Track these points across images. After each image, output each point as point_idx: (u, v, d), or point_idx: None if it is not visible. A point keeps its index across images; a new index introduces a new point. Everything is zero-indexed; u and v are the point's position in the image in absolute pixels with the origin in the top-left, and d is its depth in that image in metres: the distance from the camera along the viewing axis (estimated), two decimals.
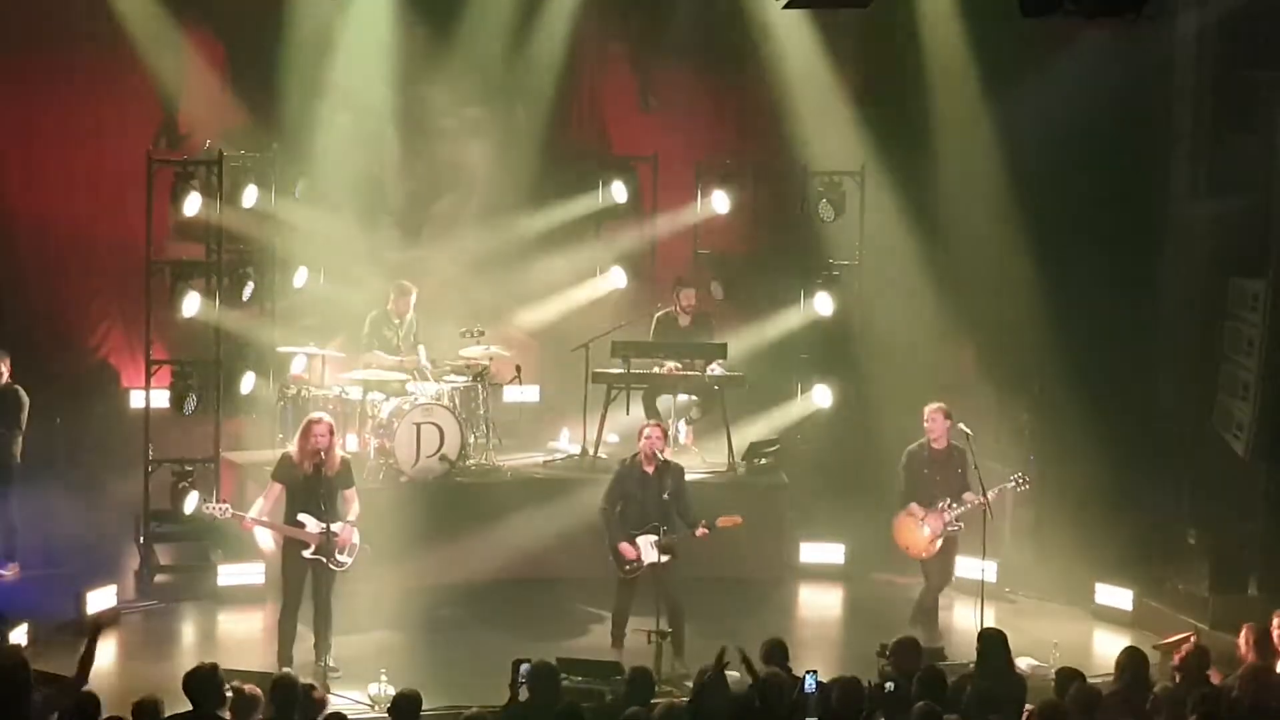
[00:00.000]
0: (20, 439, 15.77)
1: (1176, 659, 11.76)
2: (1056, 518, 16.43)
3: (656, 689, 12.67)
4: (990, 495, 14.71)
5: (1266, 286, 15.76)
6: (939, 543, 14.87)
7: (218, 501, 14.35)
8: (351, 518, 13.83)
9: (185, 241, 16.92)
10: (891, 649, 11.78)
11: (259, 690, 10.50)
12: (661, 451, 14.27)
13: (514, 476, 17.05)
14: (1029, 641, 13.53)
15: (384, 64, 18.24)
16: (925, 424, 14.97)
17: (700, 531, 14.14)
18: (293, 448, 13.88)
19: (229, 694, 10.40)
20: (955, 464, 14.89)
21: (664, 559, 14.02)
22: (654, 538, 14.00)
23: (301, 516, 13.61)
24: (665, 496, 14.13)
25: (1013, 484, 15.02)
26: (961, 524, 14.85)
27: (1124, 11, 12.49)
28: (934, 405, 15.01)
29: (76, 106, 17.90)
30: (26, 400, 15.79)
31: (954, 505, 14.79)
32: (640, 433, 14.40)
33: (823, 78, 18.34)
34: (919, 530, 14.91)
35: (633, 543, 14.06)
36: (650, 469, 14.24)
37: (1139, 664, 11.39)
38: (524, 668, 11.17)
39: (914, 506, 14.90)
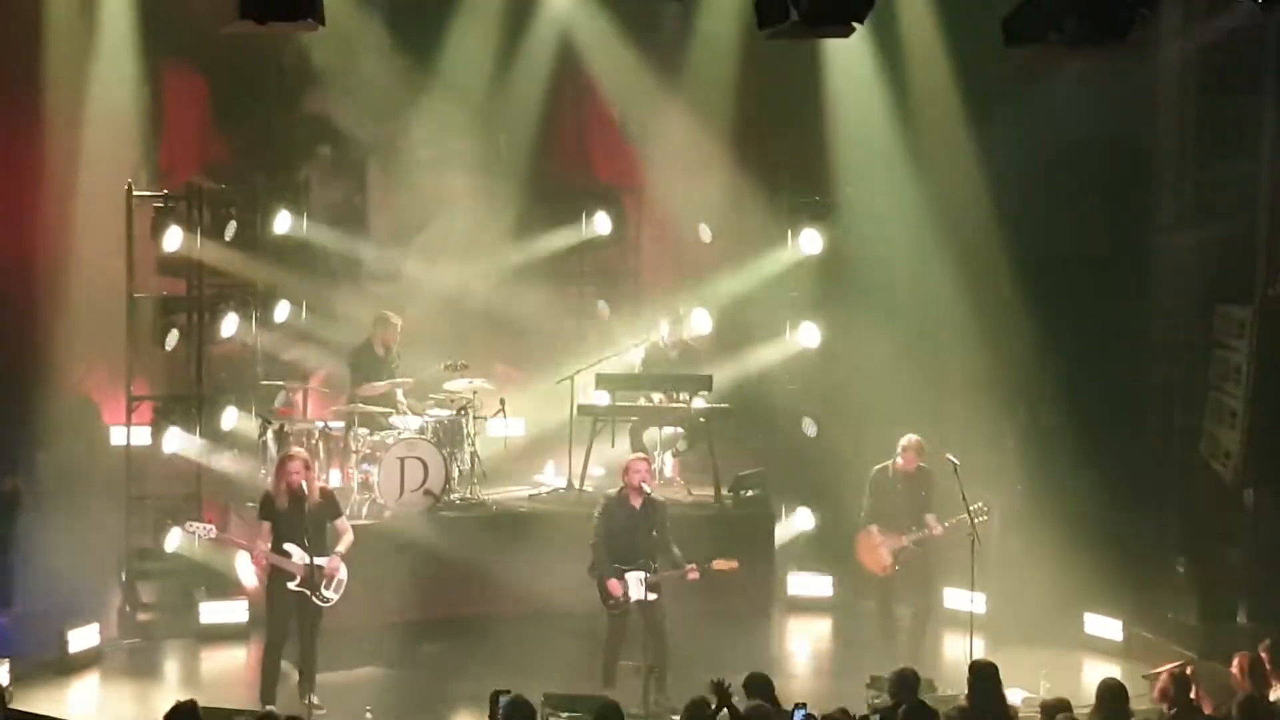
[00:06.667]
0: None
1: (1156, 691, 11.72)
2: (1045, 547, 16.35)
3: None
4: (947, 525, 15.15)
5: (1253, 313, 15.75)
6: (895, 564, 15.46)
7: (201, 523, 14.27)
8: (341, 548, 13.75)
9: (166, 276, 16.86)
10: (891, 680, 11.75)
11: None
12: (648, 485, 14.23)
13: (499, 510, 16.96)
14: (1019, 672, 13.44)
15: (366, 95, 18.20)
16: (900, 448, 15.49)
17: (691, 574, 14.10)
18: (272, 484, 13.82)
19: None
20: (920, 487, 15.47)
21: (651, 596, 13.96)
22: (643, 574, 13.96)
23: (287, 547, 13.54)
24: (654, 533, 14.10)
25: (967, 517, 14.77)
26: (919, 549, 15.38)
27: (1108, 40, 12.51)
28: (914, 438, 15.51)
29: (56, 140, 17.79)
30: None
31: (914, 529, 15.35)
32: (626, 467, 14.34)
33: (807, 105, 18.29)
34: (876, 551, 15.54)
35: (620, 579, 14.02)
36: (637, 503, 14.19)
37: (1117, 694, 11.32)
38: (503, 700, 11.06)
39: (873, 529, 15.55)
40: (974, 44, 16.40)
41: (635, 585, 14.00)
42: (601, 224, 19.14)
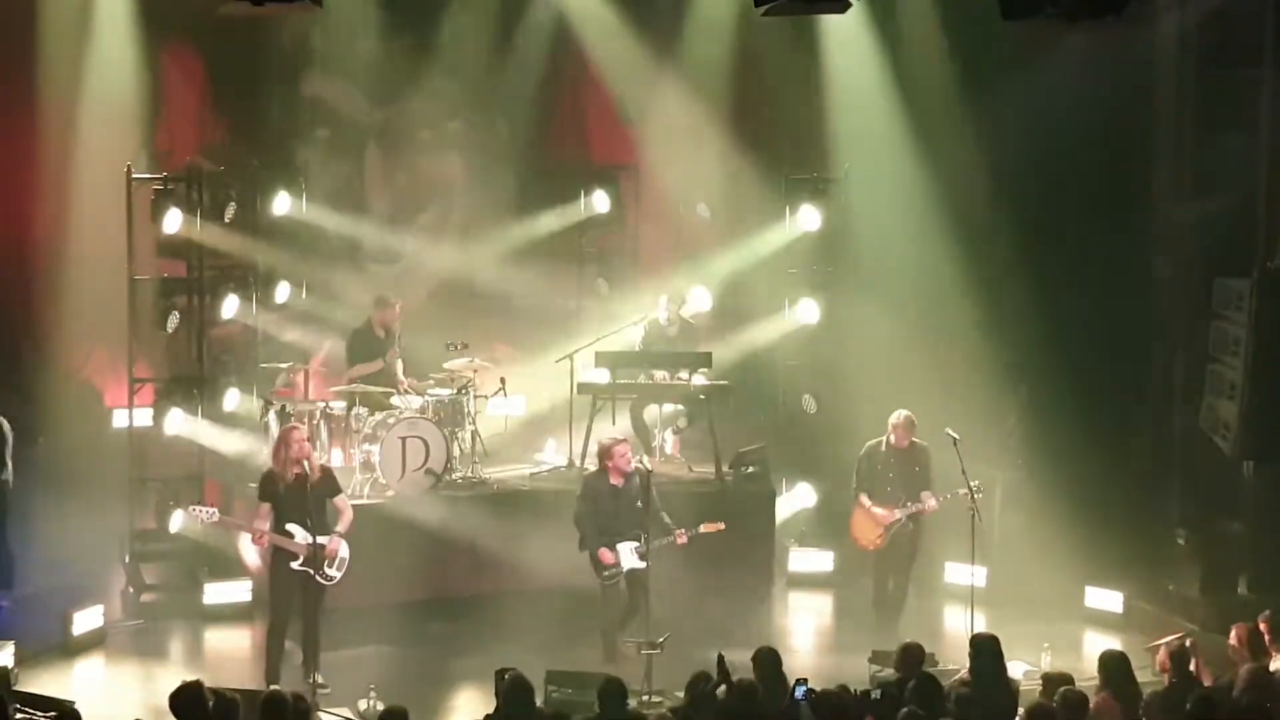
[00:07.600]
0: (7, 469, 15.64)
1: (1157, 663, 11.76)
2: (1046, 521, 16.38)
3: (645, 698, 12.74)
4: (940, 499, 15.26)
5: (1252, 286, 15.75)
6: (886, 537, 15.47)
7: (204, 506, 14.31)
8: (341, 528, 13.79)
9: (167, 258, 16.85)
10: (897, 655, 11.80)
11: (237, 696, 10.42)
12: (628, 467, 14.48)
13: (500, 489, 16.97)
14: (1020, 646, 13.49)
15: (364, 77, 18.20)
16: (891, 425, 15.49)
17: (681, 539, 14.28)
18: (272, 463, 13.83)
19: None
20: (913, 463, 15.48)
21: (643, 564, 14.19)
22: (635, 544, 14.15)
23: (290, 527, 13.56)
24: (639, 504, 14.29)
25: (965, 493, 14.73)
26: (911, 524, 15.42)
27: (1105, 13, 12.51)
28: (904, 414, 15.48)
29: (54, 124, 17.81)
30: (9, 434, 15.66)
31: (908, 504, 15.34)
32: (610, 452, 14.50)
33: (803, 82, 18.28)
34: (867, 525, 15.58)
35: (612, 549, 14.29)
36: (619, 482, 14.46)
37: (1120, 664, 11.35)
38: (508, 676, 11.10)
39: (863, 498, 15.60)
40: (971, 18, 16.39)
41: (627, 555, 14.30)
42: (600, 203, 19.15)
